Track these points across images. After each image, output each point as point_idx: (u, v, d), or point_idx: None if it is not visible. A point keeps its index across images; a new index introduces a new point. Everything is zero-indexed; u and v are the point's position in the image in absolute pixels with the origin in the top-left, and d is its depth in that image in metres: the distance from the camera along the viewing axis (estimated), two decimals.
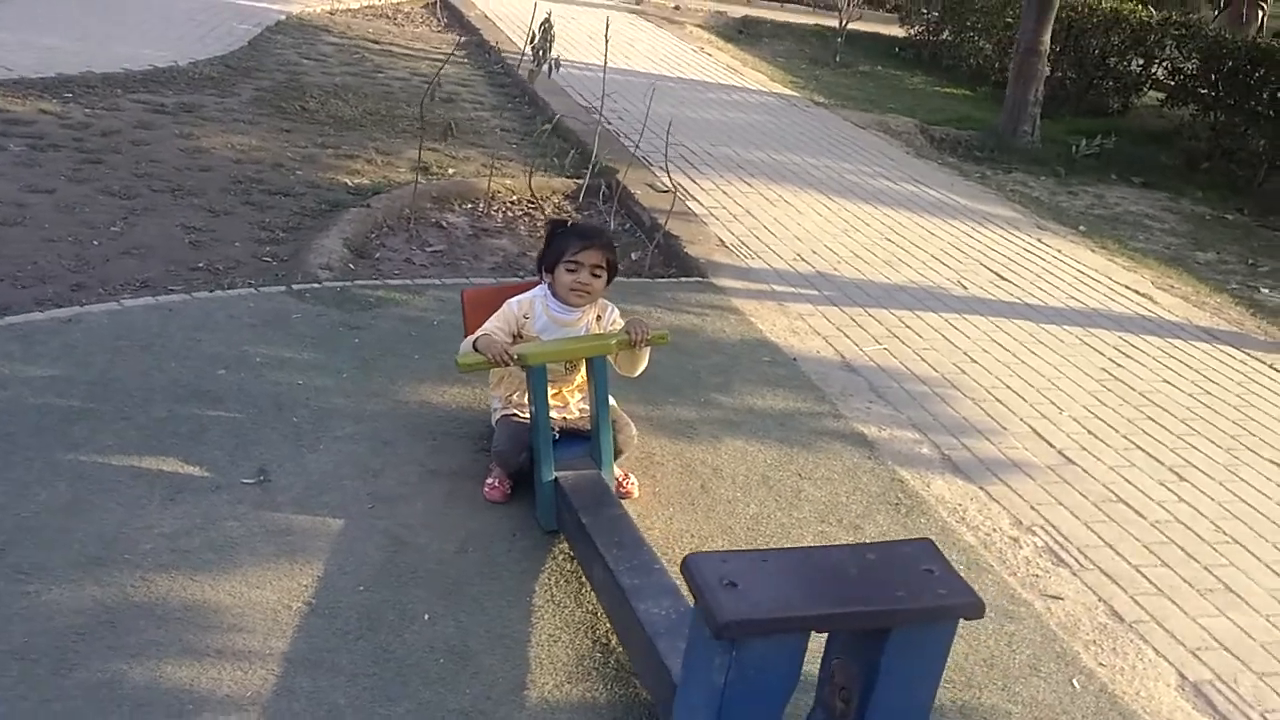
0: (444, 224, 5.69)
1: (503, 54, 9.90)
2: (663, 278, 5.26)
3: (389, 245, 5.31)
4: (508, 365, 2.98)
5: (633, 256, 5.60)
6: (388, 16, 11.57)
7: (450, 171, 6.47)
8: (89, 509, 2.88)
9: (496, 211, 6.05)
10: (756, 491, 3.43)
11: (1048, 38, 9.71)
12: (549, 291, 3.24)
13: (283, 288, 4.44)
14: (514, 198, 6.23)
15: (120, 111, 6.70)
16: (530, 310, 3.22)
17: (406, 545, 2.92)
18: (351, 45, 9.81)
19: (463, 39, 10.76)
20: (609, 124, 7.70)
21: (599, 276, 3.16)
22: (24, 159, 5.64)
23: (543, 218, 6.03)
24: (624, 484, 3.27)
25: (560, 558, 2.97)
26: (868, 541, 2.96)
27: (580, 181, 6.42)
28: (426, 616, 2.67)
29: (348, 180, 6.05)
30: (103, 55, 7.86)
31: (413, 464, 3.31)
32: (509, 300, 3.24)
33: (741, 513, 3.30)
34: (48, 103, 6.62)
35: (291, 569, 2.77)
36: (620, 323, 3.25)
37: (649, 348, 3.18)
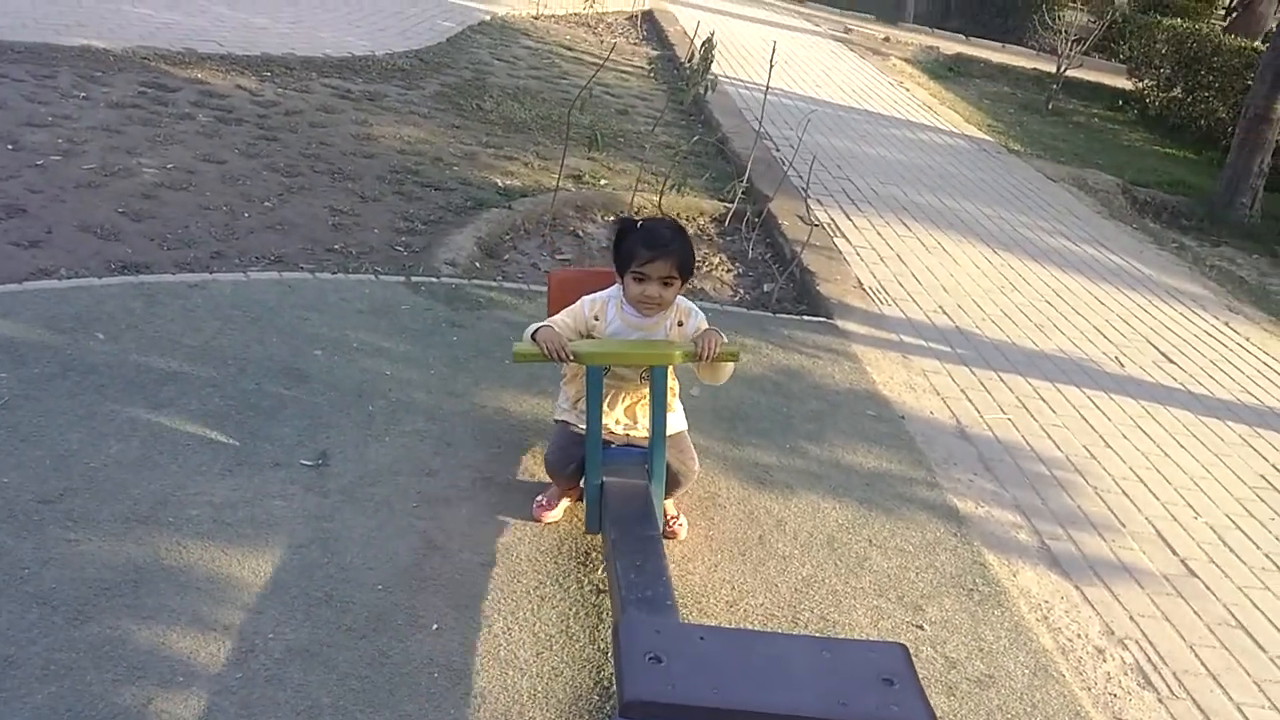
0: (580, 233, 5.69)
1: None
2: (788, 314, 5.07)
3: (520, 249, 5.35)
4: (564, 361, 2.85)
5: (764, 288, 5.44)
6: (589, 25, 11.78)
7: (602, 182, 6.48)
8: (151, 468, 3.00)
9: None
10: (817, 552, 3.21)
11: None
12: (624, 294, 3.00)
13: (401, 278, 4.53)
14: (657, 214, 6.16)
15: (309, 94, 7.06)
16: (603, 312, 2.97)
17: (437, 550, 2.89)
18: (545, 50, 10.03)
19: (655, 54, 10.84)
20: (776, 150, 7.55)
21: (670, 286, 2.87)
22: (208, 129, 6.02)
23: None
24: (672, 524, 3.13)
25: (588, 588, 2.86)
26: (838, 637, 2.69)
27: (731, 205, 6.30)
28: (435, 627, 2.63)
29: (499, 181, 6.15)
30: (308, 40, 8.33)
31: (470, 468, 3.28)
32: (584, 297, 3.02)
33: (793, 572, 3.10)
34: (246, 79, 7.06)
35: (321, 557, 2.79)
36: (705, 329, 2.98)
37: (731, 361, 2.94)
